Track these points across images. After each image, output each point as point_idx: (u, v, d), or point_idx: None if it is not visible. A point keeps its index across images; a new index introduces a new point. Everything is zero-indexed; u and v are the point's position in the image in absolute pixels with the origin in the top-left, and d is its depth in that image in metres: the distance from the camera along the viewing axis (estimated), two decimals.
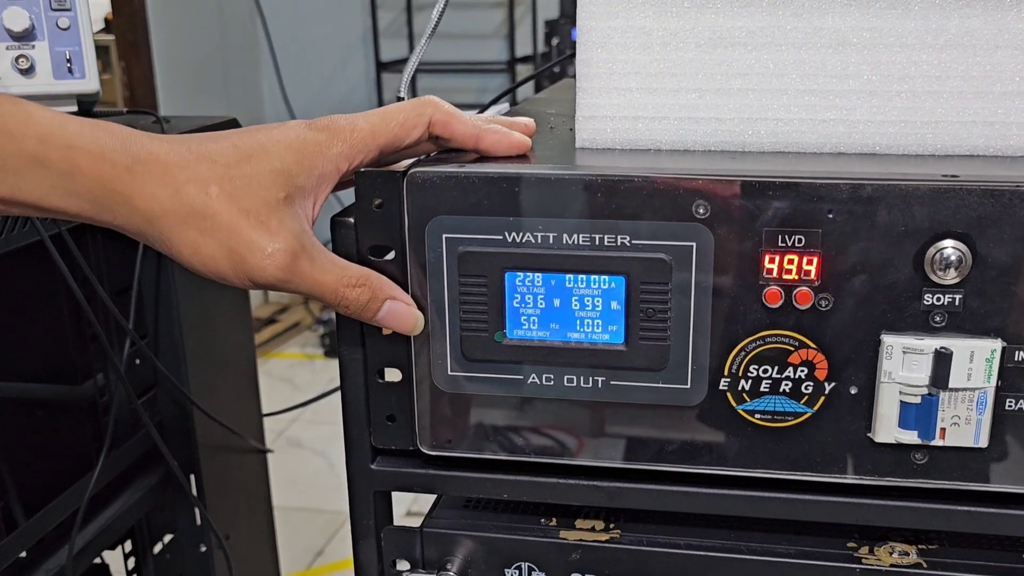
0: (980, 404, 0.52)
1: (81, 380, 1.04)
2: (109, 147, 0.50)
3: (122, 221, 0.51)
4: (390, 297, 0.55)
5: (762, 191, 0.52)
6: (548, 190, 0.54)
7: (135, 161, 0.50)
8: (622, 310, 0.55)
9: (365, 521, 0.63)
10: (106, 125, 0.51)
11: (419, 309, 0.57)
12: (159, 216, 0.50)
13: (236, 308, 1.29)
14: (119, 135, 0.51)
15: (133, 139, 0.51)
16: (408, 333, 0.57)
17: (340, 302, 0.54)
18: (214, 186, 0.50)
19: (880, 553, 0.58)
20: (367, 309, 0.54)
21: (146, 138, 0.51)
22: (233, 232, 0.50)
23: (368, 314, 0.55)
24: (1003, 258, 0.51)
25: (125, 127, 0.52)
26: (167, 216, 0.50)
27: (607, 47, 0.59)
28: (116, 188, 0.50)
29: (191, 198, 0.50)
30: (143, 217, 0.50)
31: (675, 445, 0.57)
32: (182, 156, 0.51)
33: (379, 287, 0.55)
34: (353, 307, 0.54)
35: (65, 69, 0.90)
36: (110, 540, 1.09)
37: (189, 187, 0.50)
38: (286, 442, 2.91)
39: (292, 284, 0.52)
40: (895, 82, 0.56)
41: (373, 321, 0.55)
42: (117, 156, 0.50)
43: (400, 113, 0.55)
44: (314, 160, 0.53)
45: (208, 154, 0.51)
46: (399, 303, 0.55)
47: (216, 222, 0.50)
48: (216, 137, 0.52)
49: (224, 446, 1.23)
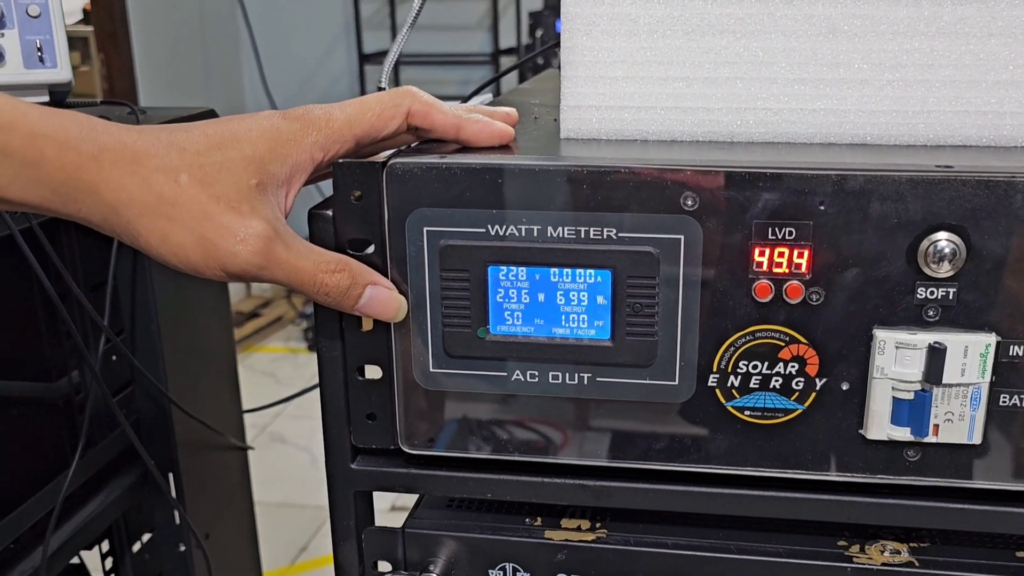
0: (974, 400, 0.51)
1: (56, 377, 1.02)
2: (75, 135, 0.48)
3: (87, 212, 0.49)
4: (371, 282, 0.53)
5: (752, 182, 0.50)
6: (532, 181, 0.52)
7: (101, 150, 0.48)
8: (608, 305, 0.53)
9: (345, 522, 0.62)
10: (72, 114, 0.50)
11: None
12: (126, 205, 0.48)
13: (215, 302, 1.27)
14: (85, 124, 0.49)
15: (100, 128, 0.49)
16: (391, 320, 0.55)
17: (320, 289, 0.52)
18: (184, 174, 0.48)
19: (871, 551, 0.57)
20: (348, 296, 0.52)
21: (114, 127, 0.50)
22: (203, 218, 0.49)
23: (349, 301, 0.53)
24: (998, 251, 0.49)
25: (92, 116, 0.50)
26: (134, 205, 0.48)
27: (592, 34, 0.57)
28: (81, 177, 0.48)
29: (159, 186, 0.48)
30: (109, 207, 0.48)
31: (663, 443, 0.55)
32: (151, 145, 0.49)
33: (359, 272, 0.53)
34: (333, 294, 0.52)
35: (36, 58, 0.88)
36: (87, 540, 1.07)
37: (157, 175, 0.48)
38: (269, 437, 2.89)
39: (267, 271, 0.50)
40: (887, 71, 0.55)
41: (355, 309, 0.53)
42: (83, 144, 0.48)
43: (377, 103, 0.54)
44: (287, 149, 0.51)
45: (178, 142, 0.49)
46: (380, 288, 0.54)
47: (185, 209, 0.48)
48: (187, 127, 0.51)
49: (203, 443, 1.21)
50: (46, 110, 0.49)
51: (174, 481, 1.16)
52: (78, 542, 1.04)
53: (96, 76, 3.41)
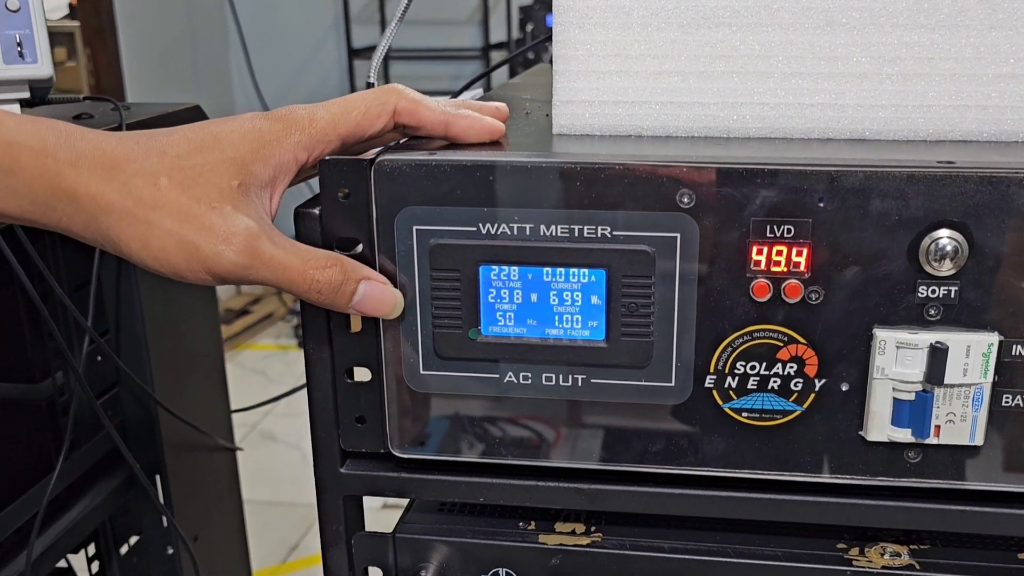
0: (976, 400, 0.50)
1: (39, 379, 1.00)
2: (52, 143, 0.47)
3: (68, 222, 0.48)
4: (364, 277, 0.51)
5: (750, 179, 0.49)
6: (524, 178, 0.51)
7: (79, 156, 0.47)
8: (603, 305, 0.52)
9: (335, 527, 0.60)
10: (49, 121, 0.49)
11: None
12: (105, 212, 0.47)
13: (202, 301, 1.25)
14: (62, 131, 0.48)
15: (78, 135, 0.48)
16: (388, 316, 0.53)
17: (311, 287, 0.50)
18: (164, 177, 0.47)
19: (871, 554, 0.56)
20: (341, 292, 0.50)
21: (91, 134, 0.48)
22: (185, 220, 0.47)
23: (343, 298, 0.51)
24: (1001, 248, 0.48)
25: (70, 124, 0.49)
26: (114, 211, 0.47)
27: (585, 27, 0.56)
28: (59, 185, 0.47)
29: (139, 191, 0.47)
30: (89, 214, 0.47)
31: (659, 445, 0.54)
32: (130, 150, 0.48)
33: (351, 267, 0.51)
34: (326, 291, 0.50)
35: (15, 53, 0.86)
36: (72, 544, 1.05)
37: (137, 180, 0.47)
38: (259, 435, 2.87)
39: (253, 271, 0.49)
40: (885, 64, 0.54)
41: (349, 307, 0.51)
42: (60, 152, 0.47)
43: (362, 102, 0.52)
44: (270, 149, 0.49)
45: (158, 147, 0.48)
46: (375, 283, 0.52)
47: (166, 213, 0.47)
48: (168, 131, 0.50)
49: (191, 445, 1.20)
50: (22, 118, 0.48)
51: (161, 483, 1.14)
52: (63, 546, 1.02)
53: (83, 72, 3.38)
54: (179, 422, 1.14)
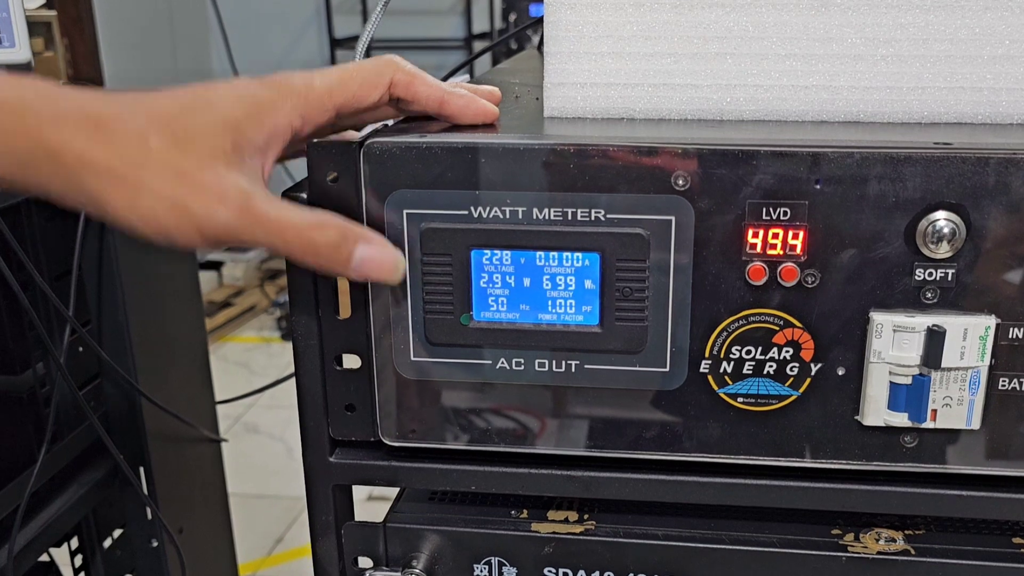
0: (973, 384, 0.50)
1: (19, 370, 0.98)
2: (33, 100, 0.45)
3: (47, 182, 0.46)
4: (363, 238, 0.49)
5: (746, 161, 0.48)
6: (517, 161, 0.50)
7: (63, 114, 0.45)
8: (597, 289, 0.51)
9: (324, 517, 0.59)
10: (31, 79, 0.46)
11: (379, 292, 0.52)
12: (90, 171, 0.45)
13: (186, 290, 1.24)
14: (44, 90, 0.46)
15: (61, 94, 0.46)
16: (390, 279, 0.50)
17: (308, 247, 0.47)
18: (153, 137, 0.45)
19: (866, 540, 0.56)
20: (339, 252, 0.48)
21: (76, 92, 0.46)
22: (176, 180, 0.45)
23: (341, 259, 0.48)
24: (998, 230, 0.48)
25: (53, 83, 0.47)
26: (99, 171, 0.45)
27: (576, 8, 0.55)
28: (41, 143, 0.45)
29: (126, 150, 0.45)
30: (72, 173, 0.45)
31: (653, 431, 0.54)
32: (117, 109, 0.46)
33: (347, 227, 0.48)
34: (324, 252, 0.48)
35: None
36: (55, 537, 1.04)
37: (124, 139, 0.45)
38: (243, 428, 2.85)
39: (247, 232, 0.46)
40: (880, 46, 0.53)
41: (348, 271, 0.49)
42: (43, 110, 0.45)
43: (359, 72, 0.51)
44: (265, 114, 0.48)
45: (146, 106, 0.46)
46: (374, 245, 0.49)
47: (156, 172, 0.45)
48: (154, 92, 0.48)
49: (175, 436, 1.18)
50: (3, 77, 0.46)
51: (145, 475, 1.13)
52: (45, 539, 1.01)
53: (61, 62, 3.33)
54: (163, 413, 1.12)
